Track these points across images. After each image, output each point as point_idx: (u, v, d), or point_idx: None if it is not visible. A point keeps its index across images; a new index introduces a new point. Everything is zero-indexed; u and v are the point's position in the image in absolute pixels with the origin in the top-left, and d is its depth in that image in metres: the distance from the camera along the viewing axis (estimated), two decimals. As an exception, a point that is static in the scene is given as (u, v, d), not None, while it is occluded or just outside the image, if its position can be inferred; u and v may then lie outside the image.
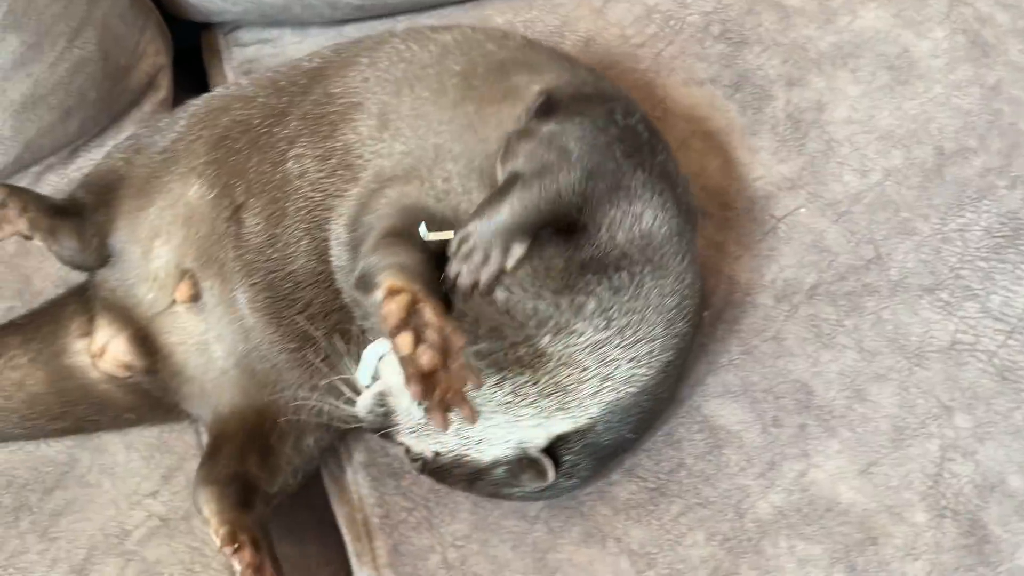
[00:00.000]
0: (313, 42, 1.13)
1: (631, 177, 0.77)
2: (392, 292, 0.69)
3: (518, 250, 0.75)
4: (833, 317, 0.89)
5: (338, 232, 0.83)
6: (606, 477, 0.85)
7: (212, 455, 0.85)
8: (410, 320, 0.67)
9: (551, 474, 0.76)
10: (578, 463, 0.78)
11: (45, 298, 0.97)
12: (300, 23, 1.15)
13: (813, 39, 1.05)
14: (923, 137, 0.97)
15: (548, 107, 0.80)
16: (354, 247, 0.81)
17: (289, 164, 0.85)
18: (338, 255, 0.83)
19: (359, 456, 0.91)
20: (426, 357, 0.65)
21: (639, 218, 0.77)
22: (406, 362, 0.66)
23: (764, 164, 0.97)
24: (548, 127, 0.77)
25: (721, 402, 0.86)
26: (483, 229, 0.74)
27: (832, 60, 1.03)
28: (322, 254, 0.84)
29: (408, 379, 0.65)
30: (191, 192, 0.86)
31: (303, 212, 0.84)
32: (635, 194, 0.77)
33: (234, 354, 0.86)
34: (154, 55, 1.10)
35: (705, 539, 0.81)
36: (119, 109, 1.08)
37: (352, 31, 1.14)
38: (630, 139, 0.79)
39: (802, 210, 0.94)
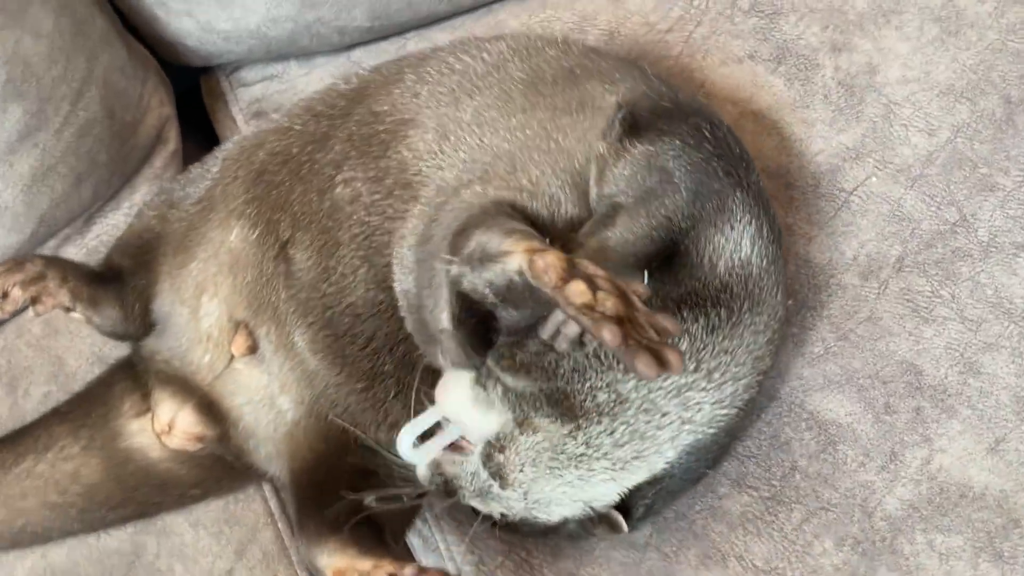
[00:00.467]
0: (321, 72, 1.08)
1: (732, 198, 0.71)
2: (534, 252, 0.59)
3: (637, 286, 0.65)
4: (927, 289, 0.83)
5: (402, 255, 0.77)
6: (714, 491, 0.79)
7: (312, 505, 0.77)
8: (574, 272, 0.56)
9: (624, 528, 0.70)
10: (652, 506, 0.73)
11: (81, 379, 0.91)
12: (306, 54, 1.09)
13: (849, 0, 1.00)
14: (986, 87, 0.92)
15: (632, 123, 0.74)
16: (422, 267, 0.74)
17: (338, 190, 0.79)
18: (401, 280, 0.77)
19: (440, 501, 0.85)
20: (610, 302, 0.53)
21: (739, 245, 0.71)
22: (585, 312, 0.54)
23: (823, 136, 0.92)
24: (641, 148, 0.71)
25: (825, 395, 0.81)
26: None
27: (874, 19, 0.98)
28: (382, 282, 0.78)
29: (595, 327, 0.52)
30: (232, 236, 0.81)
31: (360, 239, 0.78)
32: (736, 218, 0.71)
33: (303, 403, 0.80)
34: (159, 107, 1.04)
35: (834, 545, 0.76)
36: (130, 168, 1.02)
37: (360, 54, 1.09)
38: (726, 154, 0.73)
39: (872, 179, 0.89)
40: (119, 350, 0.90)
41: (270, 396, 0.81)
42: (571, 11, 1.05)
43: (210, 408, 0.82)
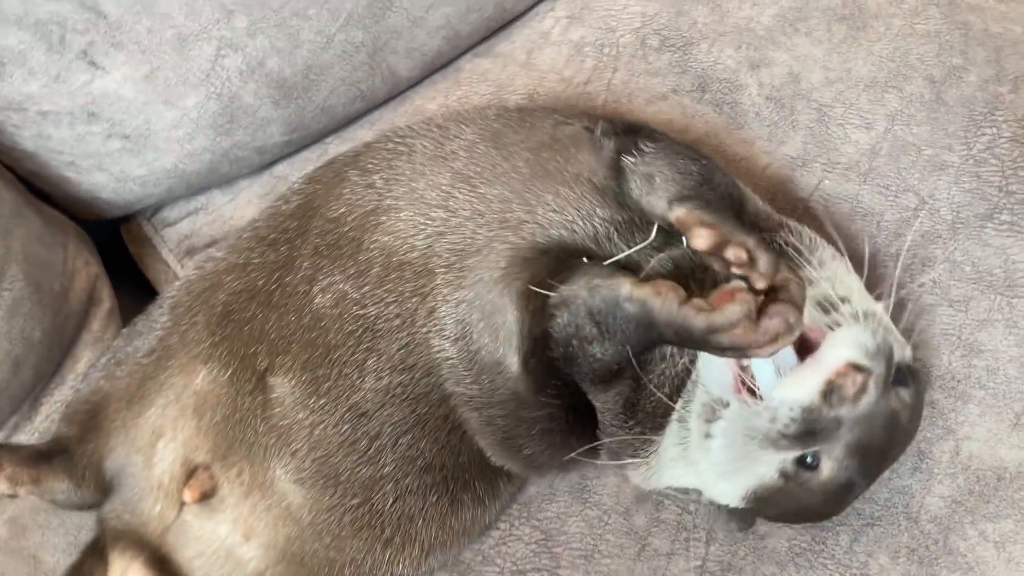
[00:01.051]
0: (247, 193, 1.05)
1: (718, 170, 0.77)
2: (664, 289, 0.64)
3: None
4: (907, 279, 0.83)
5: (442, 325, 0.74)
6: (755, 531, 0.76)
7: None
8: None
9: None
10: None
11: (62, 574, 0.84)
12: (227, 180, 1.05)
13: (754, 18, 1.01)
14: (908, 72, 0.93)
15: (625, 131, 0.78)
16: (468, 335, 0.73)
17: (317, 300, 0.77)
18: (443, 347, 0.74)
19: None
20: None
21: (752, 197, 0.79)
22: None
23: (766, 152, 0.92)
24: (650, 145, 0.75)
25: (838, 409, 0.79)
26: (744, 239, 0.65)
27: (782, 30, 0.99)
28: (398, 365, 0.75)
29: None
30: (199, 380, 0.77)
31: (358, 333, 0.75)
32: (732, 182, 0.78)
33: (275, 546, 0.76)
34: (84, 267, 0.99)
35: (890, 560, 0.73)
36: (68, 337, 0.96)
37: (283, 168, 1.06)
38: (690, 146, 0.80)
39: (825, 182, 0.89)
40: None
41: (227, 547, 0.76)
42: (486, 83, 1.05)
43: (162, 564, 0.77)
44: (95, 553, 0.81)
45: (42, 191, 0.99)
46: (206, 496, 0.76)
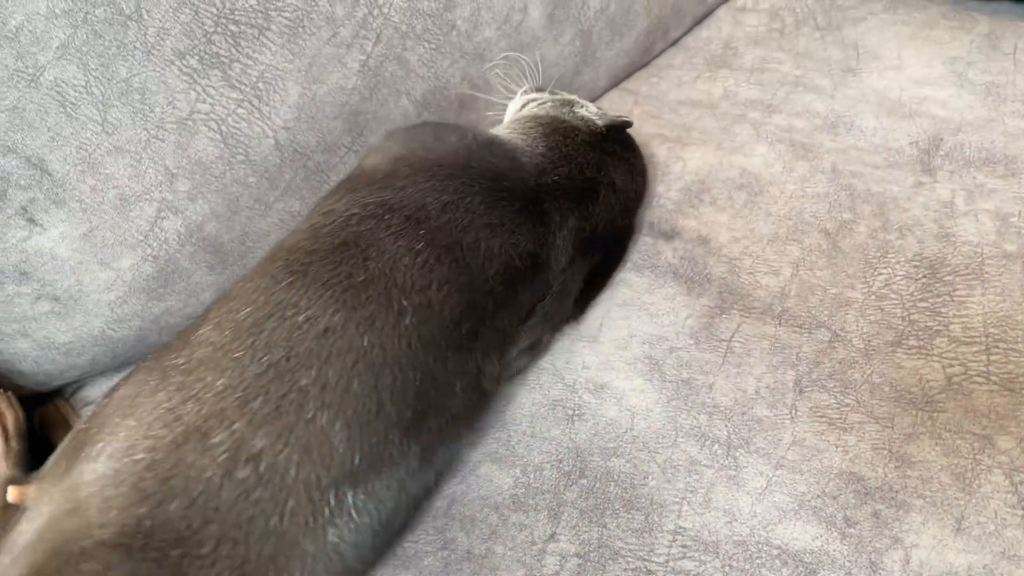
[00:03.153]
0: (174, 370, 1.02)
1: None
2: None
3: None
4: (832, 401, 0.86)
5: None
6: (716, 664, 0.72)
7: None
8: None
9: None
10: None
11: None
12: (153, 352, 1.04)
13: (663, 193, 1.10)
14: (804, 227, 1.02)
15: None
16: None
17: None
18: None
19: None
20: None
21: None
22: None
23: (686, 305, 0.97)
24: None
25: (785, 526, 0.78)
26: None
27: (689, 201, 1.08)
28: None
29: None
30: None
31: None
32: None
33: None
34: None
35: (859, 676, 0.69)
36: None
37: (213, 345, 1.05)
38: None
39: (743, 325, 0.94)
40: None
41: None
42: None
43: None
44: None
45: (-44, 362, 0.96)
46: None
